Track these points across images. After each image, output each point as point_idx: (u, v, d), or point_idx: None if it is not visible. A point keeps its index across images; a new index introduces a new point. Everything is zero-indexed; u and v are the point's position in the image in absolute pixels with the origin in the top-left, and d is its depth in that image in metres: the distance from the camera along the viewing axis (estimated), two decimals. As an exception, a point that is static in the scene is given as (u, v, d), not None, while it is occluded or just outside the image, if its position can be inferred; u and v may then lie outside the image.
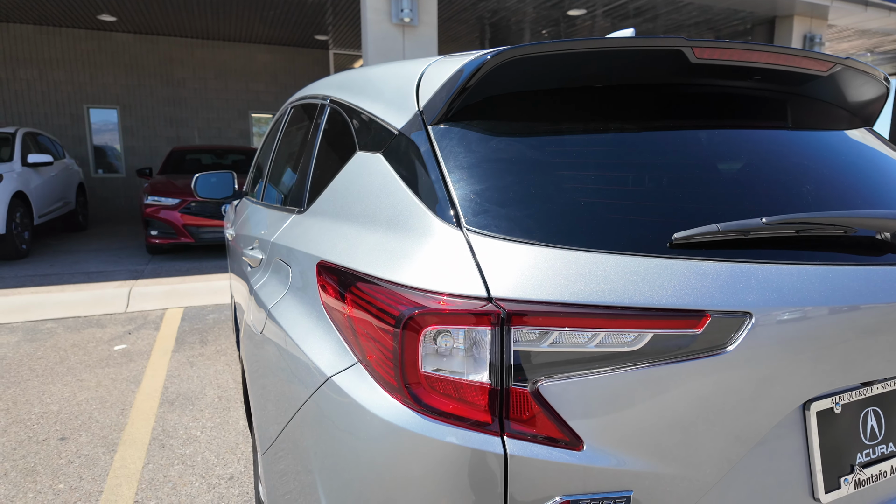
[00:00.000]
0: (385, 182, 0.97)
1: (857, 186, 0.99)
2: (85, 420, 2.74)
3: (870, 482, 0.88)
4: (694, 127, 0.97)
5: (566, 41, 0.90)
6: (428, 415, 0.71)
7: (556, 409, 0.70)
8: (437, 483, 0.70)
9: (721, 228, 0.76)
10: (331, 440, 0.82)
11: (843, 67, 1.09)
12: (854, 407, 0.88)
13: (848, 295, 0.80)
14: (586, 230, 0.77)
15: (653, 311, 0.71)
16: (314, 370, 0.88)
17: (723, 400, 0.74)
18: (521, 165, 0.85)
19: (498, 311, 0.70)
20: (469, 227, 0.78)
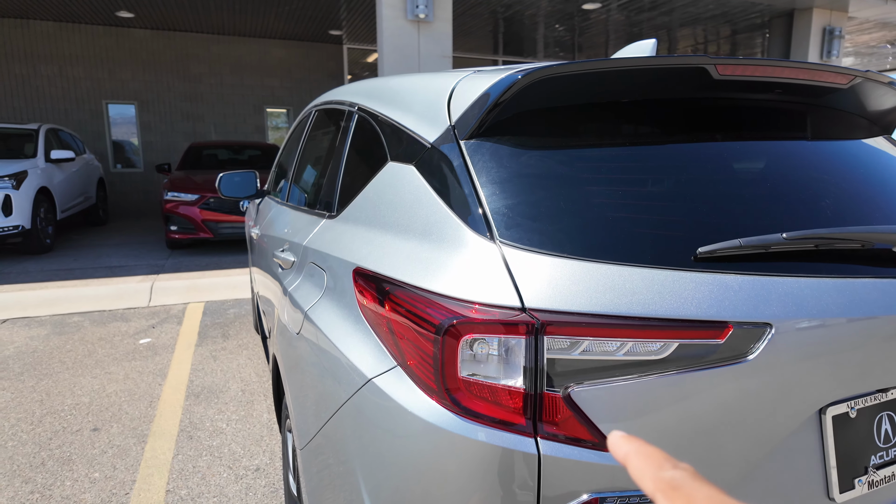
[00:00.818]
0: (418, 193, 1.02)
1: (876, 198, 1.02)
2: (115, 412, 2.85)
3: (883, 483, 0.92)
4: (716, 140, 1.01)
5: (593, 61, 0.94)
6: (465, 416, 0.76)
7: (586, 413, 0.75)
8: (473, 480, 0.76)
9: (743, 244, 0.80)
10: (371, 437, 0.88)
11: (864, 79, 1.11)
12: (869, 412, 0.91)
13: (865, 306, 0.84)
14: (614, 244, 0.81)
15: (678, 321, 0.76)
16: (355, 372, 0.93)
17: (743, 405, 0.78)
18: (551, 180, 0.89)
19: (532, 321, 0.75)
20: (502, 239, 0.83)
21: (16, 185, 5.97)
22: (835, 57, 8.98)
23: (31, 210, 6.09)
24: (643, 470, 0.30)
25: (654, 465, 0.30)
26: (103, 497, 2.16)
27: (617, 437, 0.34)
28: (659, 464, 0.30)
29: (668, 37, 11.49)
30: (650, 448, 0.32)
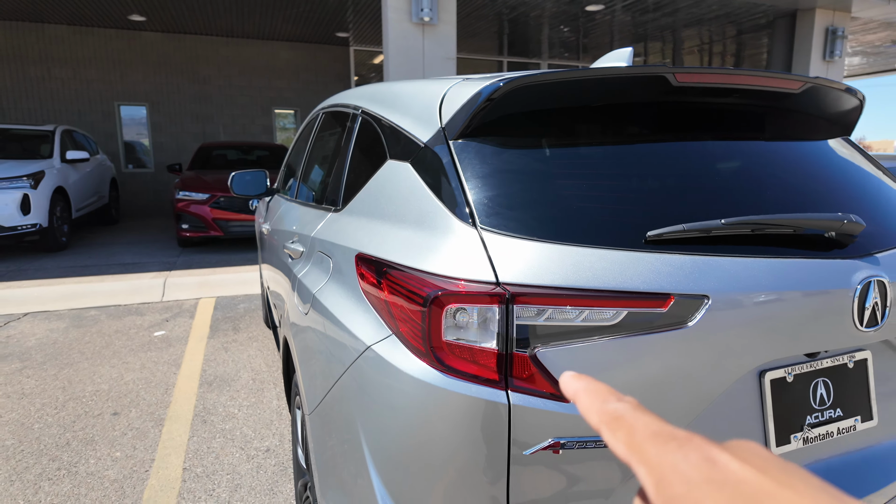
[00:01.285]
0: (413, 188, 1.15)
1: (818, 190, 1.14)
2: (133, 398, 3.01)
3: (818, 440, 1.04)
4: (674, 139, 1.14)
5: (567, 71, 1.08)
6: (449, 374, 0.90)
7: (550, 370, 0.88)
8: (456, 426, 0.89)
9: (686, 228, 0.93)
10: (370, 395, 1.02)
11: (814, 85, 1.24)
12: (805, 377, 1.04)
13: (794, 283, 0.96)
14: (577, 229, 0.95)
15: (627, 293, 0.89)
16: (356, 341, 1.07)
17: (685, 365, 0.91)
18: (526, 175, 1.02)
19: (504, 293, 0.88)
20: (482, 226, 0.97)
21: (34, 185, 6.17)
22: (837, 57, 9.04)
23: (48, 209, 6.29)
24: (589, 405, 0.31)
25: (600, 399, 0.31)
26: (125, 473, 2.31)
27: (567, 377, 0.34)
28: (604, 398, 0.31)
29: (672, 37, 11.57)
30: (597, 384, 0.32)
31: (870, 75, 16.75)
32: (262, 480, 2.27)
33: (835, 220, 0.99)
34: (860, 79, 17.41)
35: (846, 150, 1.37)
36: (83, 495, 2.17)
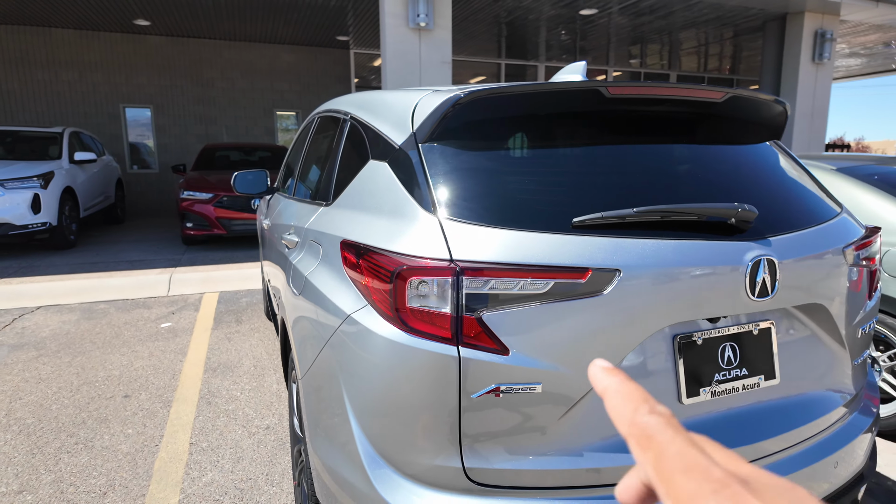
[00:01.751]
0: (389, 183, 1.36)
1: (729, 184, 1.34)
2: (143, 382, 3.22)
3: (724, 393, 1.24)
4: (606, 142, 1.34)
5: (517, 85, 1.28)
6: (412, 333, 1.10)
7: (493, 329, 1.08)
8: (418, 376, 1.10)
9: (603, 215, 1.14)
10: (350, 355, 1.22)
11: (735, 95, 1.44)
12: (714, 341, 1.24)
13: (694, 260, 1.16)
14: (518, 216, 1.15)
15: (554, 267, 1.09)
16: (339, 311, 1.28)
17: (601, 325, 1.11)
18: (480, 172, 1.23)
19: (455, 268, 1.09)
20: (443, 215, 1.17)
21: (44, 185, 6.40)
22: (826, 59, 9.22)
23: (57, 208, 6.52)
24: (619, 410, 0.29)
25: (632, 406, 0.29)
26: (137, 447, 2.53)
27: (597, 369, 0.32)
28: (636, 405, 0.28)
29: (669, 39, 11.77)
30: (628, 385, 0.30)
31: (868, 76, 16.90)
32: (262, 453, 2.48)
33: (730, 209, 1.19)
34: (858, 79, 17.56)
35: (771, 151, 1.58)
36: (99, 465, 2.38)
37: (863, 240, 1.46)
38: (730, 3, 8.68)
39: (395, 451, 1.16)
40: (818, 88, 9.45)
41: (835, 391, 1.43)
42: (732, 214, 1.20)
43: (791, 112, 9.37)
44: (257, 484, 2.26)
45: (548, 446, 1.14)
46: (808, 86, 9.35)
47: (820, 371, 1.39)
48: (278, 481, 2.27)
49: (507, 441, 1.12)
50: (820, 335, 1.38)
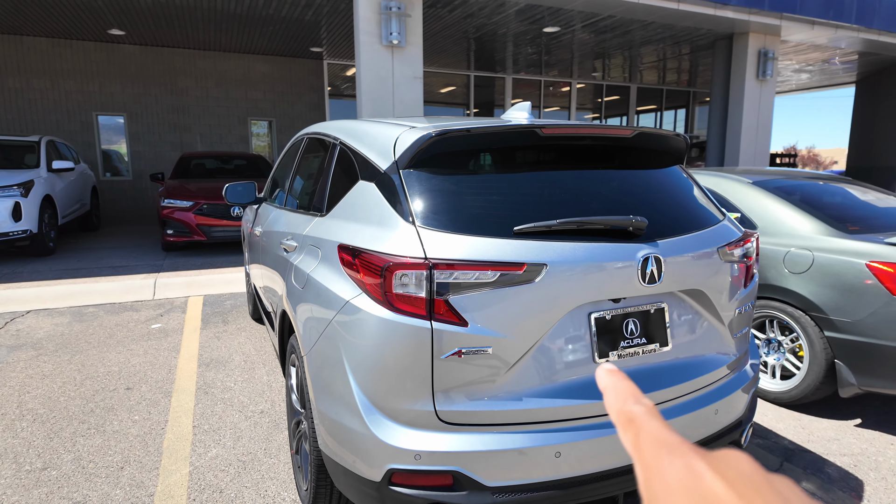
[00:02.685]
0: (376, 200, 1.76)
1: (633, 200, 1.78)
2: (142, 376, 3.51)
3: (628, 356, 1.67)
4: (544, 168, 1.77)
5: (475, 125, 1.70)
6: (397, 312, 1.49)
7: (456, 308, 1.48)
8: (402, 343, 1.49)
9: (535, 225, 1.56)
10: (349, 330, 1.61)
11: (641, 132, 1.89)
12: (619, 317, 1.67)
13: (601, 257, 1.58)
14: (474, 225, 1.56)
15: (500, 263, 1.50)
16: (340, 298, 1.66)
17: (533, 304, 1.52)
18: (447, 192, 1.64)
19: (429, 263, 1.49)
20: (419, 224, 1.57)
21: (24, 193, 6.54)
22: (769, 76, 10.01)
23: (37, 215, 6.67)
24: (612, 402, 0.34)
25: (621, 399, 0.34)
26: (145, 430, 2.84)
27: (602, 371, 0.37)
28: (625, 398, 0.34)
29: (629, 54, 12.47)
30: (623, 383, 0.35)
31: (818, 89, 18.05)
32: (258, 433, 2.82)
33: (626, 220, 1.63)
34: (810, 92, 18.71)
35: (676, 174, 2.03)
36: (113, 446, 2.69)
37: (737, 241, 1.92)
38: (680, 23, 9.37)
39: (384, 401, 1.55)
40: (762, 103, 10.23)
41: (717, 356, 1.88)
42: (628, 224, 1.64)
43: (738, 125, 10.13)
44: (257, 457, 2.60)
45: (498, 393, 1.55)
46: (754, 101, 10.11)
47: (704, 341, 1.85)
48: (275, 454, 2.63)
49: (468, 390, 1.53)
50: (703, 314, 1.84)
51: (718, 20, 9.13)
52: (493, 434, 1.54)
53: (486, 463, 1.52)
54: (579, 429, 1.60)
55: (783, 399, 3.11)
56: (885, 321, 2.68)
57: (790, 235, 3.14)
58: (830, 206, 3.30)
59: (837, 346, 2.85)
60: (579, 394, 1.61)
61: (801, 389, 3.01)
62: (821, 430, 2.88)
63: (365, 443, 1.57)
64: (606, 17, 9.12)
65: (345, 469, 1.66)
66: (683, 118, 17.66)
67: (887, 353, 2.69)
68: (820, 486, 2.38)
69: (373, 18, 7.21)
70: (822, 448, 2.70)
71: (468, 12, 9.02)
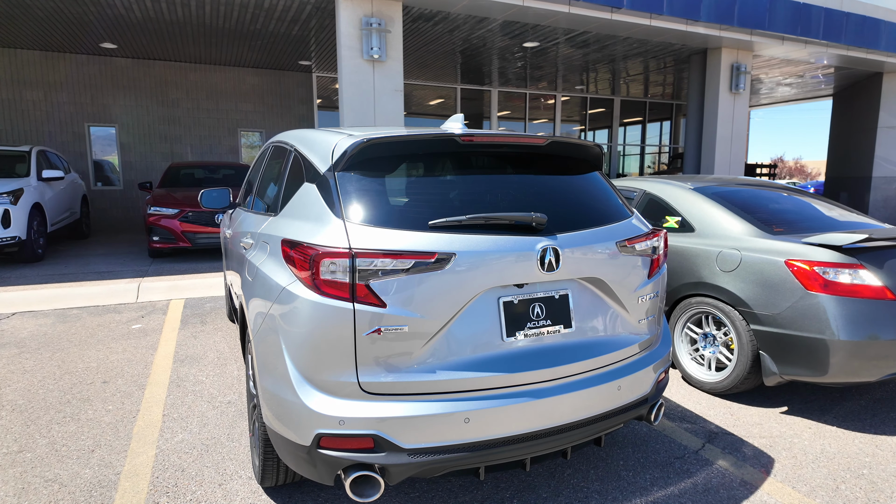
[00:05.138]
0: (315, 199, 1.99)
1: (541, 200, 2.02)
2: (119, 371, 3.71)
3: (533, 336, 1.90)
4: (461, 172, 2.01)
5: (400, 134, 1.94)
6: (325, 296, 1.72)
7: (376, 292, 1.71)
8: (329, 323, 1.71)
9: (447, 220, 1.79)
10: (285, 313, 1.83)
11: (553, 140, 2.13)
12: (526, 302, 1.89)
13: (505, 248, 1.81)
14: (395, 220, 1.79)
15: (415, 252, 1.73)
16: (278, 285, 1.89)
17: (444, 288, 1.74)
18: (373, 191, 1.87)
19: (352, 253, 1.72)
20: (347, 219, 1.81)
21: (13, 201, 6.75)
22: (742, 90, 10.35)
23: (26, 223, 6.87)
24: None
25: None
26: (118, 418, 3.04)
27: None
28: None
29: (610, 68, 12.84)
30: None
31: (799, 101, 18.49)
32: (224, 420, 3.03)
33: (527, 216, 1.86)
34: (792, 104, 19.16)
35: (591, 178, 2.27)
36: (86, 432, 2.88)
37: (639, 237, 2.16)
38: (654, 38, 9.72)
39: (314, 374, 1.77)
40: (736, 115, 10.57)
41: (621, 338, 2.11)
42: (530, 220, 1.88)
43: (713, 136, 10.45)
44: (220, 441, 2.81)
45: (414, 366, 1.77)
46: (727, 113, 10.45)
47: (609, 324, 2.08)
48: (238, 438, 2.83)
49: (387, 363, 1.75)
50: (606, 300, 2.07)
51: (691, 36, 9.48)
52: (409, 402, 1.76)
53: (403, 427, 1.74)
54: (487, 398, 1.82)
55: (717, 389, 3.33)
56: (801, 314, 2.92)
57: (722, 237, 3.39)
58: (761, 210, 3.55)
59: (761, 338, 3.09)
60: (488, 367, 1.83)
61: (731, 379, 3.24)
62: (747, 416, 3.10)
63: (298, 412, 1.79)
64: (583, 32, 9.46)
65: (283, 438, 1.88)
66: (668, 130, 18.06)
67: (803, 344, 2.92)
68: (733, 464, 2.60)
69: (354, 34, 7.50)
70: (744, 431, 2.92)
71: (450, 27, 9.34)
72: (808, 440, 2.85)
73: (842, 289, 2.88)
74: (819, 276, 2.90)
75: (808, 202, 3.87)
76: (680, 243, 3.57)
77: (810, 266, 2.92)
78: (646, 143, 17.54)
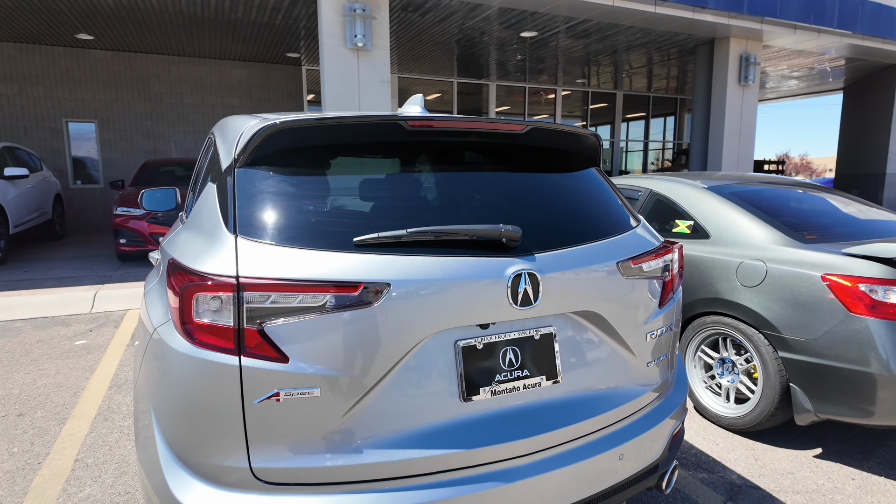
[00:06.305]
0: (212, 206, 1.48)
1: (516, 207, 1.50)
2: (42, 400, 3.21)
3: (504, 393, 1.38)
4: (407, 170, 1.49)
5: (325, 116, 1.42)
6: (198, 345, 1.21)
7: (273, 340, 1.20)
8: (205, 384, 1.20)
9: (380, 236, 1.28)
10: (154, 366, 1.32)
11: (535, 127, 1.61)
12: (494, 345, 1.38)
13: (462, 274, 1.30)
14: (308, 236, 1.28)
15: (330, 282, 1.22)
16: (151, 325, 1.38)
17: (373, 333, 1.23)
18: (281, 196, 1.35)
19: (237, 284, 1.20)
20: (240, 234, 1.29)
21: (-33, 201, 6.25)
22: (751, 82, 9.79)
23: (-18, 225, 6.37)
24: None
25: None
26: (19, 465, 2.53)
27: None
28: None
29: (613, 61, 12.27)
30: None
31: (807, 95, 17.89)
32: (147, 467, 2.52)
33: (494, 229, 1.34)
34: (800, 98, 18.56)
35: (583, 178, 1.75)
36: (-24, 484, 2.38)
37: (647, 254, 1.64)
38: (659, 27, 9.16)
39: (189, 454, 1.26)
40: (745, 109, 10.01)
41: (624, 390, 1.59)
42: (497, 234, 1.35)
43: (720, 130, 9.89)
44: (134, 497, 2.30)
45: (332, 445, 1.25)
46: (735, 106, 9.89)
47: (607, 372, 1.56)
48: (156, 493, 2.32)
49: (292, 441, 1.24)
50: (605, 339, 1.55)
51: (697, 24, 8.92)
52: (324, 495, 1.25)
53: (316, 530, 1.23)
54: (439, 486, 1.31)
55: (737, 425, 2.81)
56: (842, 341, 2.40)
57: (743, 245, 2.86)
58: (788, 213, 3.02)
59: (792, 367, 2.57)
60: (440, 441, 1.32)
61: (755, 415, 2.72)
62: (775, 462, 2.58)
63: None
64: (583, 20, 8.91)
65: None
66: (673, 126, 17.47)
67: (844, 377, 2.40)
68: (764, 533, 2.09)
69: (336, 21, 6.97)
70: (773, 484, 2.41)
71: (440, 16, 8.80)
72: (854, 496, 2.33)
73: (893, 311, 2.35)
74: (865, 294, 2.38)
75: (840, 203, 3.34)
76: (693, 252, 3.05)
77: (853, 283, 2.40)
78: (649, 140, 16.98)
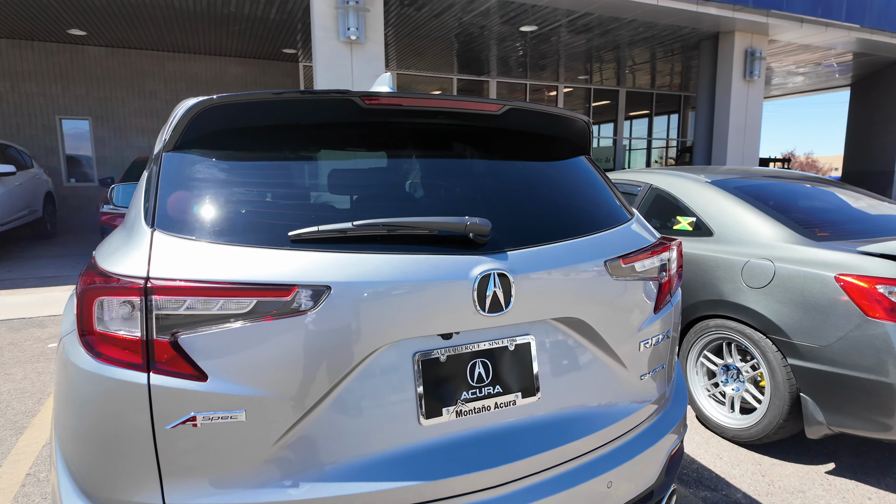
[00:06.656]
0: (137, 196, 1.29)
1: (487, 198, 1.30)
2: (2, 408, 3.03)
3: (472, 413, 1.19)
4: (360, 156, 1.30)
5: (264, 93, 1.22)
6: (100, 359, 1.02)
7: (189, 353, 1.00)
8: (108, 405, 1.01)
9: (320, 229, 1.08)
10: (58, 385, 1.13)
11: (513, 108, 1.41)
12: (460, 357, 1.18)
13: (417, 275, 1.10)
14: (234, 231, 1.09)
15: (257, 285, 1.03)
16: (60, 334, 1.19)
17: (309, 346, 1.04)
18: (209, 185, 1.16)
19: (144, 287, 1.00)
20: (157, 227, 1.10)
21: (-51, 199, 6.09)
22: (756, 77, 9.55)
23: (-36, 223, 6.21)
24: None
25: None
26: (-34, 479, 2.35)
27: None
28: None
29: (615, 56, 12.04)
30: None
31: (813, 92, 17.61)
32: (103, 483, 2.33)
33: (459, 223, 1.14)
34: (806, 95, 18.28)
35: (569, 166, 1.55)
36: (-84, 501, 2.20)
37: (642, 251, 1.43)
38: (662, 21, 8.93)
39: (94, 488, 1.06)
40: (750, 104, 9.77)
41: (614, 408, 1.39)
42: (461, 228, 1.15)
43: (725, 127, 9.66)
44: (85, 516, 2.11)
45: (261, 477, 1.06)
46: (741, 102, 9.65)
47: (593, 387, 1.36)
48: (108, 513, 2.13)
49: (214, 474, 1.04)
50: (591, 350, 1.35)
51: (701, 17, 8.69)
52: (253, 535, 1.05)
53: (242, 579, 1.04)
54: (392, 522, 1.11)
55: (742, 437, 2.61)
56: (858, 347, 2.19)
57: (749, 243, 2.66)
58: (797, 209, 2.81)
59: (802, 376, 2.36)
60: (397, 472, 1.12)
61: (762, 427, 2.51)
62: (783, 479, 2.38)
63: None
64: (585, 14, 8.69)
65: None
66: (676, 123, 17.21)
67: (860, 387, 2.19)
68: (773, 562, 1.88)
69: (329, 13, 6.78)
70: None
71: (437, 10, 8.60)
72: (871, 519, 2.12)
73: (915, 315, 2.14)
74: (883, 297, 2.17)
75: (852, 198, 3.13)
76: (695, 250, 2.84)
77: (870, 284, 2.19)
78: (653, 137, 16.73)
